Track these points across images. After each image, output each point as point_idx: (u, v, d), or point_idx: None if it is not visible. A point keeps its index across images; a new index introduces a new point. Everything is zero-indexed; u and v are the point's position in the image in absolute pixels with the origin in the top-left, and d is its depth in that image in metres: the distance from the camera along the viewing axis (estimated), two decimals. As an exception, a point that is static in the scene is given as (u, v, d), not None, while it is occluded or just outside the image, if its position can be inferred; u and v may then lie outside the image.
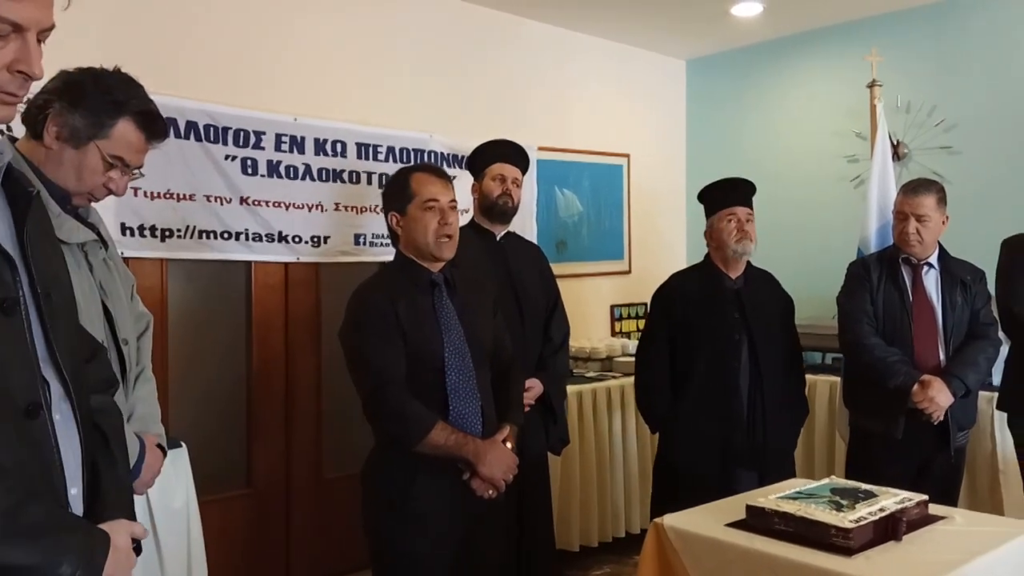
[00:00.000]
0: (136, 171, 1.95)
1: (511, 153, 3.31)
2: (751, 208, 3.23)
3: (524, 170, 3.38)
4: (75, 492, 1.27)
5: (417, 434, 2.28)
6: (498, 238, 3.29)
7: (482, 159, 3.30)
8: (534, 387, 3.14)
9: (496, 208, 3.22)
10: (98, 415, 1.40)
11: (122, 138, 1.86)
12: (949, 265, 3.24)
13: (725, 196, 3.24)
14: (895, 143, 4.69)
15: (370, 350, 2.35)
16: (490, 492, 2.37)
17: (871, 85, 4.26)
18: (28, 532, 1.11)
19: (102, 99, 1.84)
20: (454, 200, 2.50)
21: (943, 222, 3.22)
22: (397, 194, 2.50)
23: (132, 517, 1.38)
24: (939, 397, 3.02)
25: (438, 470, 2.33)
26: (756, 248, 3.22)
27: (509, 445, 2.42)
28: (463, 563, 2.41)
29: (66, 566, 1.13)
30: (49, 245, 1.34)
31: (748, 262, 3.26)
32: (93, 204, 2.01)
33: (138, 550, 1.33)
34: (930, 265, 3.23)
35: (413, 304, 2.40)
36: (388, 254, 3.87)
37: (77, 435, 1.28)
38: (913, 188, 3.21)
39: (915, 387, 3.03)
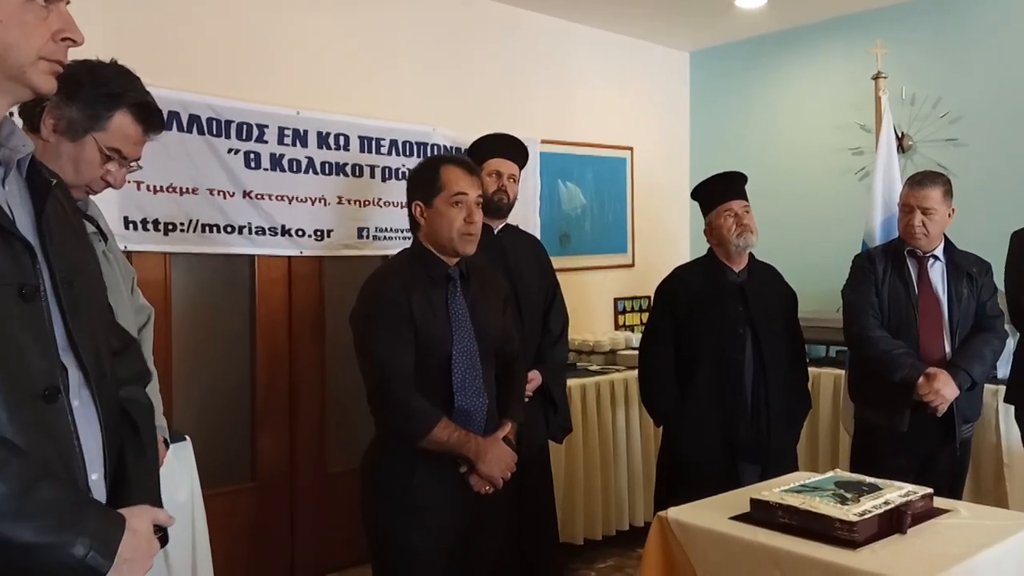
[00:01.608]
0: (134, 164, 1.94)
1: (507, 148, 3.31)
2: (746, 200, 3.21)
3: (522, 164, 3.38)
4: (96, 478, 1.28)
5: (420, 431, 2.29)
6: (495, 232, 3.29)
7: (479, 154, 3.30)
8: (533, 379, 3.15)
9: (491, 204, 3.23)
10: (129, 404, 1.43)
11: (119, 130, 1.85)
12: (955, 257, 3.22)
13: (719, 192, 3.22)
14: (900, 135, 4.67)
15: (379, 342, 2.34)
16: (487, 488, 2.38)
17: (876, 77, 4.24)
18: (41, 511, 1.12)
19: (98, 91, 1.83)
20: (481, 195, 2.48)
21: (949, 215, 3.20)
22: (425, 184, 2.46)
23: (158, 504, 1.40)
24: (945, 390, 3.01)
25: (439, 463, 2.33)
26: (758, 240, 3.21)
27: (509, 442, 2.43)
28: (462, 556, 2.42)
29: (79, 546, 1.13)
30: (72, 235, 1.36)
31: (751, 255, 3.25)
32: (92, 197, 2.01)
33: (164, 539, 1.34)
34: (936, 257, 3.21)
35: (427, 297, 2.39)
36: (392, 247, 3.89)
37: (98, 422, 1.29)
38: (919, 181, 3.20)
39: (920, 380, 3.02)
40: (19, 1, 1.19)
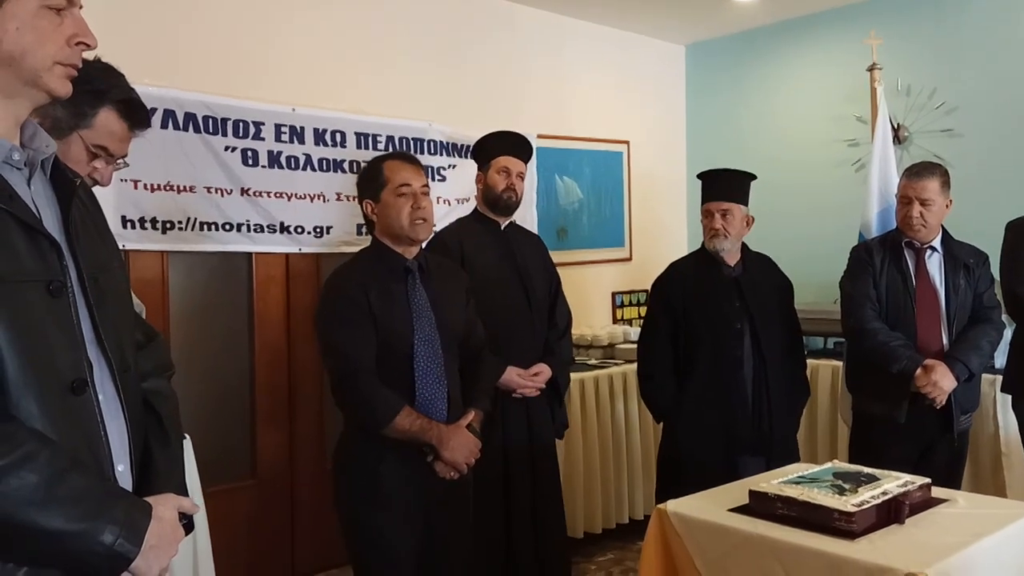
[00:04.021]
0: (120, 161, 1.93)
1: (516, 146, 3.33)
2: (730, 200, 3.13)
3: (527, 161, 3.40)
4: (121, 469, 1.32)
5: (384, 419, 2.35)
6: (502, 228, 3.31)
7: (487, 151, 3.31)
8: (543, 372, 3.18)
9: (501, 201, 3.25)
10: (154, 396, 1.49)
11: (105, 127, 1.84)
12: (952, 248, 3.22)
13: (704, 190, 3.21)
14: (896, 126, 4.67)
15: (340, 337, 2.42)
16: (452, 474, 2.44)
17: (871, 68, 4.24)
18: (71, 499, 1.16)
19: (82, 88, 1.81)
20: (426, 185, 2.55)
21: (947, 206, 3.20)
22: (370, 182, 2.55)
23: (183, 493, 1.44)
24: (942, 381, 3.01)
25: (406, 452, 2.40)
26: (750, 235, 3.21)
27: (474, 430, 2.48)
28: (430, 544, 2.48)
29: (107, 534, 1.17)
30: (97, 233, 1.40)
31: (745, 246, 3.25)
32: None
33: (189, 527, 1.39)
34: (933, 249, 3.21)
35: (386, 291, 2.45)
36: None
37: (122, 414, 1.33)
38: (917, 172, 3.19)
39: (918, 371, 3.03)
40: (34, 8, 1.23)
